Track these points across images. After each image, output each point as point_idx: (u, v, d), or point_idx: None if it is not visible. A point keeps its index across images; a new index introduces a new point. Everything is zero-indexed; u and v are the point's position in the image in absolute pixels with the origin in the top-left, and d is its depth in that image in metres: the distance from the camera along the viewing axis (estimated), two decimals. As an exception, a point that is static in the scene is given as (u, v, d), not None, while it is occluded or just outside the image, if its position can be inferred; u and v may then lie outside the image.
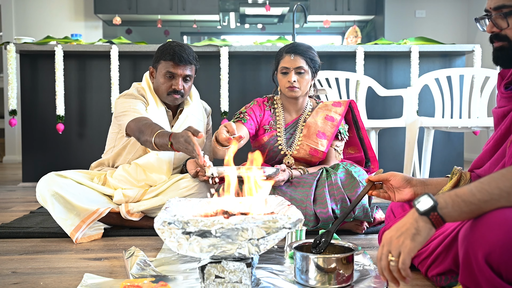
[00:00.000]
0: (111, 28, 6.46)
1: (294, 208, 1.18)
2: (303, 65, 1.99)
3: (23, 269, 1.44)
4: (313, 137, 2.01)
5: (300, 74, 2.00)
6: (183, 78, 1.99)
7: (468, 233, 0.94)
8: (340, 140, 2.09)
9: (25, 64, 3.61)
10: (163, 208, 1.19)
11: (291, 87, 2.00)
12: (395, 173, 1.33)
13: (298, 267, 1.22)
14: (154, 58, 2.03)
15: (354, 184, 1.85)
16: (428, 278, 1.24)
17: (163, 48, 1.99)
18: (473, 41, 5.75)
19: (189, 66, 1.99)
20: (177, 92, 1.99)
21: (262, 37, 7.19)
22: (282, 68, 2.01)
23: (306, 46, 2.05)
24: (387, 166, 3.69)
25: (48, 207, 1.80)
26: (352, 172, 1.89)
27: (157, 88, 2.02)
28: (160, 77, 1.99)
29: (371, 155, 2.14)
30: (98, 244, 1.75)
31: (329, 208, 1.80)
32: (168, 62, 1.96)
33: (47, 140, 3.63)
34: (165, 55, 1.96)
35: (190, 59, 1.98)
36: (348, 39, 5.12)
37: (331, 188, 1.85)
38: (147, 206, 1.92)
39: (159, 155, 1.98)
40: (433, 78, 3.04)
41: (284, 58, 2.01)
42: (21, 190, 3.37)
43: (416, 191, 1.31)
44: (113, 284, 1.24)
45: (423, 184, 1.32)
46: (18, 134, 5.36)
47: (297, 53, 2.00)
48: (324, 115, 2.07)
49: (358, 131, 2.13)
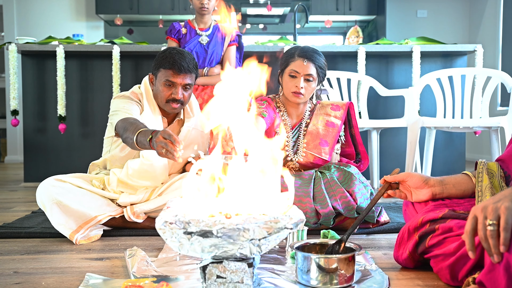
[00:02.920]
0: (112, 28, 6.47)
1: (295, 208, 1.18)
2: (313, 72, 1.96)
3: (24, 269, 1.44)
4: (317, 146, 2.02)
5: (308, 82, 1.97)
6: (183, 86, 1.95)
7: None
8: (338, 142, 2.13)
9: (26, 64, 3.62)
10: (165, 208, 1.19)
11: (296, 93, 1.97)
12: (412, 173, 1.31)
13: (299, 267, 1.22)
14: (154, 65, 1.99)
15: (349, 177, 1.88)
16: None
17: (163, 56, 1.95)
18: (474, 41, 5.74)
19: (189, 75, 1.95)
20: (177, 101, 1.95)
21: (263, 37, 7.18)
22: (291, 70, 1.97)
23: (319, 53, 2.02)
24: (389, 166, 3.68)
25: (47, 212, 1.80)
26: (344, 168, 1.92)
27: (156, 96, 1.98)
28: (160, 85, 1.95)
29: (361, 149, 2.17)
30: (99, 244, 1.75)
31: (329, 203, 1.81)
32: (167, 70, 1.92)
33: (49, 140, 3.63)
34: (165, 63, 1.92)
35: (190, 68, 1.94)
36: (349, 39, 5.12)
37: (328, 185, 1.87)
38: (152, 207, 1.92)
39: (153, 162, 1.93)
40: (434, 78, 3.03)
41: (296, 62, 1.97)
42: (23, 190, 3.37)
43: (434, 191, 1.30)
44: (115, 284, 1.24)
45: (441, 183, 1.30)
46: (20, 134, 5.36)
47: (311, 60, 1.96)
48: (325, 121, 2.07)
49: (351, 129, 2.16)
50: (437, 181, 1.30)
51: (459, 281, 1.17)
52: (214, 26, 2.89)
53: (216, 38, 2.88)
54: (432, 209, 1.35)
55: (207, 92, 2.74)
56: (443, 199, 1.45)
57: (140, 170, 1.93)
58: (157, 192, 1.98)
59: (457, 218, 1.26)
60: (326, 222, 1.83)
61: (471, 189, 1.32)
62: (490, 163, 1.31)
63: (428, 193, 1.29)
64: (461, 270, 1.16)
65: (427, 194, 1.30)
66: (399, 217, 2.17)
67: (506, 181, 1.30)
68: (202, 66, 2.85)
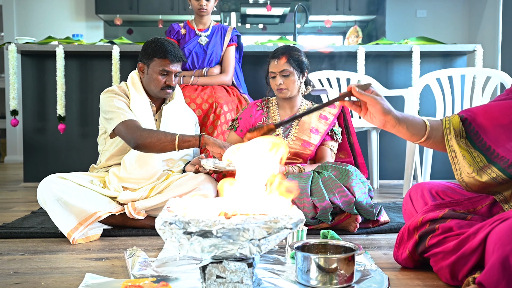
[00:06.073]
0: (112, 28, 6.47)
1: (295, 208, 1.18)
2: (286, 67, 2.13)
3: (24, 269, 1.44)
4: (307, 131, 2.16)
5: (286, 77, 2.14)
6: (174, 74, 2.09)
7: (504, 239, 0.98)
8: (335, 141, 2.22)
9: (26, 64, 3.61)
10: (164, 207, 1.19)
11: (279, 89, 2.16)
12: (377, 100, 1.23)
13: (299, 267, 1.22)
14: (145, 55, 2.09)
15: (345, 173, 1.93)
16: None
17: (155, 46, 2.06)
18: (474, 41, 5.74)
19: (181, 63, 2.12)
20: (170, 87, 2.10)
21: (263, 37, 7.18)
22: (270, 72, 2.18)
23: (291, 48, 2.18)
24: (388, 166, 3.68)
25: (47, 209, 1.81)
26: (341, 166, 1.98)
27: (149, 84, 2.09)
28: (154, 73, 2.06)
29: (360, 162, 2.27)
30: (99, 244, 1.75)
31: (326, 197, 1.85)
32: (163, 60, 2.05)
33: (49, 140, 3.63)
34: (159, 53, 2.04)
35: (182, 57, 2.11)
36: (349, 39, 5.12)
37: (326, 182, 1.91)
38: (153, 203, 1.93)
39: None
40: (434, 78, 3.03)
41: (271, 64, 2.17)
42: (23, 190, 3.37)
43: (386, 124, 1.25)
44: (115, 284, 1.24)
45: (397, 120, 1.24)
46: (20, 134, 5.36)
47: (279, 58, 2.14)
48: (319, 114, 2.21)
49: (349, 137, 2.27)
50: (395, 117, 1.24)
51: (459, 280, 1.17)
52: (213, 27, 2.92)
53: (216, 39, 2.90)
54: (432, 208, 1.35)
55: (206, 92, 2.74)
56: (443, 199, 1.45)
57: (136, 159, 2.02)
58: (157, 189, 2.00)
59: (457, 218, 1.26)
60: (324, 217, 1.85)
61: (421, 135, 1.29)
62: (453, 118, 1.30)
63: (381, 122, 1.24)
64: (461, 270, 1.16)
65: (379, 123, 1.25)
66: (398, 217, 2.17)
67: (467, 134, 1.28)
68: (202, 67, 2.87)
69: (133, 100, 2.06)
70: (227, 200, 1.20)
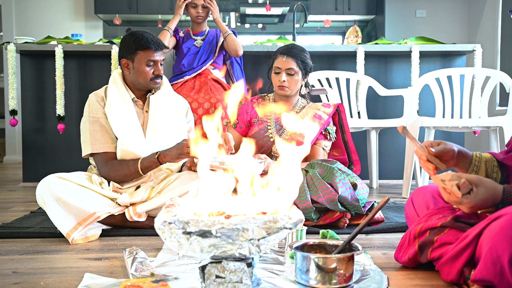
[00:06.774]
0: (111, 28, 6.46)
1: (295, 208, 1.17)
2: (293, 66, 2.17)
3: (23, 269, 1.44)
4: None
5: (291, 75, 2.18)
6: (160, 63, 2.09)
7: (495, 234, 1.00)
8: (328, 140, 2.25)
9: (25, 64, 3.61)
10: (164, 207, 1.18)
11: (281, 86, 2.19)
12: (448, 148, 1.29)
13: (298, 267, 1.22)
14: (127, 50, 2.05)
15: (330, 171, 1.94)
16: None
17: (134, 39, 2.04)
18: (473, 41, 5.74)
19: (164, 50, 2.10)
20: (159, 77, 2.09)
21: (262, 37, 7.17)
22: (275, 67, 2.21)
23: (300, 49, 2.22)
24: (388, 166, 3.69)
25: (46, 209, 1.80)
26: (326, 163, 1.99)
27: (137, 78, 2.07)
28: (141, 66, 2.04)
29: (354, 158, 2.30)
30: (98, 244, 1.75)
31: (308, 198, 1.88)
32: (147, 51, 2.03)
33: (48, 140, 3.63)
34: (141, 45, 2.03)
35: (163, 45, 2.09)
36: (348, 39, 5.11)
37: (311, 182, 1.92)
38: (153, 205, 1.92)
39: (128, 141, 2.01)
40: (433, 78, 3.03)
41: (278, 59, 2.20)
42: (22, 190, 3.37)
43: None
44: (114, 284, 1.24)
45: (461, 156, 1.31)
46: (19, 134, 5.36)
47: (289, 55, 2.17)
48: (313, 113, 2.24)
49: (343, 134, 2.29)
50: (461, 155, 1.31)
51: (460, 279, 1.18)
52: (209, 31, 3.17)
53: (211, 42, 3.12)
54: (434, 212, 1.35)
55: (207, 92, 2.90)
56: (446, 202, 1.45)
57: (121, 155, 2.01)
58: (156, 189, 1.98)
59: (457, 228, 1.24)
60: (307, 217, 1.89)
61: None
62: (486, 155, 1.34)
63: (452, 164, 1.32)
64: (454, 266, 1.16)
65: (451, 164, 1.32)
66: (398, 216, 2.17)
67: None
68: (197, 65, 3.06)
69: (110, 102, 2.04)
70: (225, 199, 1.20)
